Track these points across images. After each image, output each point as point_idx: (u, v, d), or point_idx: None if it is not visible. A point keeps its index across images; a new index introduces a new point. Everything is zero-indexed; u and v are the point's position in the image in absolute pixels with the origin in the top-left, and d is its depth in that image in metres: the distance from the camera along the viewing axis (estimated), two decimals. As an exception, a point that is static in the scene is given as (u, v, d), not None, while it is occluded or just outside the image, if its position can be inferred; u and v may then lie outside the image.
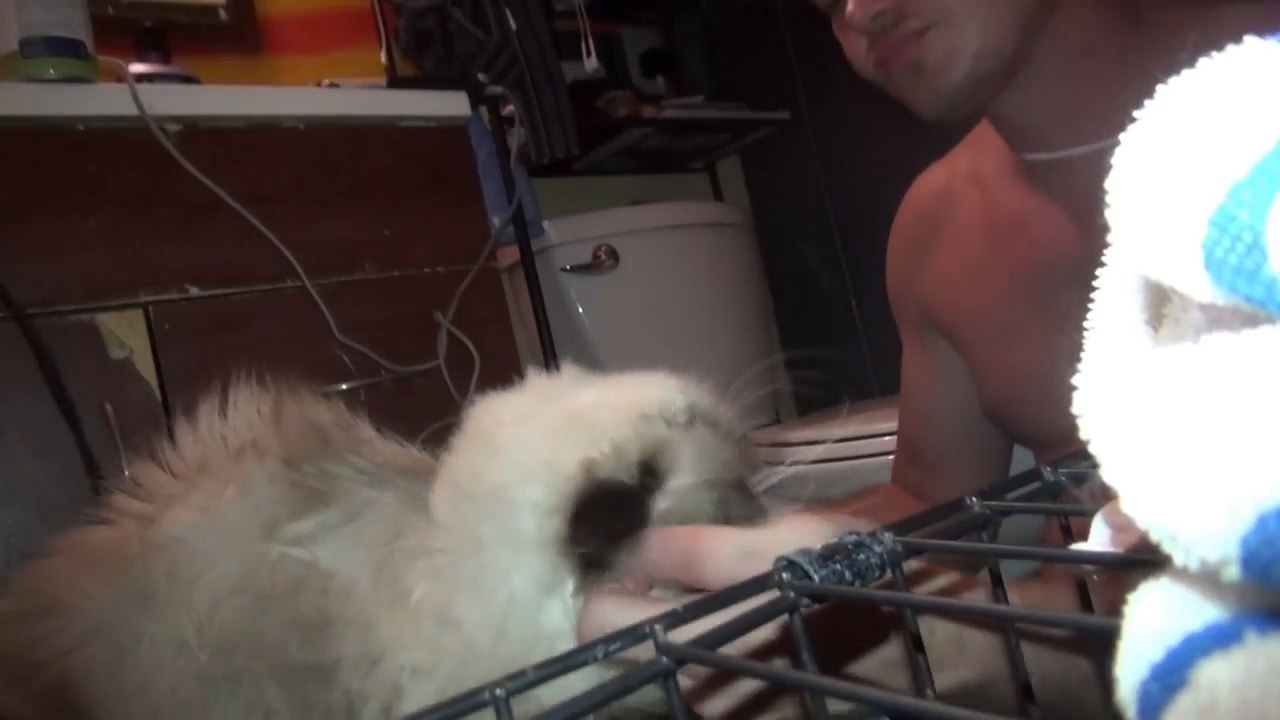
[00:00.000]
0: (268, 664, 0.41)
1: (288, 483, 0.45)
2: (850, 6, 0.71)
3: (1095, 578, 0.32)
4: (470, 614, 0.40)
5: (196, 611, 0.42)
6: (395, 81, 1.66)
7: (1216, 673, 0.14)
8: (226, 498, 0.44)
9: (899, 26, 0.69)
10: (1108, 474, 0.15)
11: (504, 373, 1.40)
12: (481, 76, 1.63)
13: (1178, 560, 0.14)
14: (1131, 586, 0.17)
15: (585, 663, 0.22)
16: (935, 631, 0.40)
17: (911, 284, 0.93)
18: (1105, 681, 0.16)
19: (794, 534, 0.37)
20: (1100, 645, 0.17)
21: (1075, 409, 0.17)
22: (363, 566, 0.42)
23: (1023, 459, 0.95)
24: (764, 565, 0.26)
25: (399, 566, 0.42)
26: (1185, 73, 0.15)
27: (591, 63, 2.02)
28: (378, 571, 0.42)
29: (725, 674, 0.36)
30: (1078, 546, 0.24)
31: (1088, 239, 0.74)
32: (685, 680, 0.35)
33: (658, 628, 0.23)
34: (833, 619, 0.36)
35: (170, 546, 0.43)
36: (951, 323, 0.89)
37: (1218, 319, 0.16)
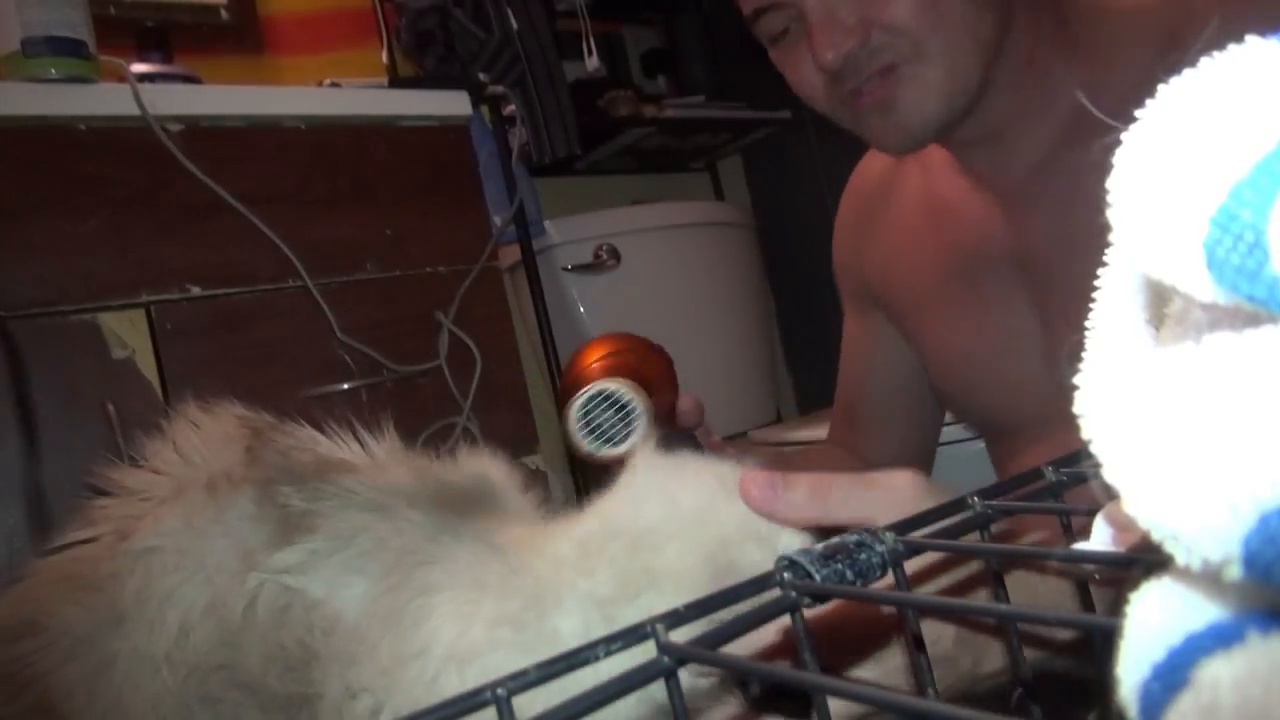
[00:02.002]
0: (246, 692, 0.40)
1: (267, 511, 0.43)
2: (817, 50, 0.67)
3: (1097, 577, 0.32)
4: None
5: (167, 633, 0.41)
6: (396, 81, 1.66)
7: (1218, 672, 0.14)
8: (205, 518, 0.43)
9: (870, 63, 0.66)
10: (1109, 474, 0.15)
11: (505, 373, 1.41)
12: (483, 76, 1.63)
13: (1179, 560, 0.14)
14: (1133, 586, 0.17)
15: (586, 662, 0.22)
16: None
17: (855, 259, 0.95)
18: (1107, 681, 0.16)
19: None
20: (1102, 644, 0.17)
21: (1076, 409, 0.17)
22: (353, 598, 0.41)
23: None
24: None
25: (401, 602, 0.40)
26: (1187, 72, 0.15)
27: (593, 62, 2.02)
28: (371, 604, 0.40)
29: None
30: (1079, 546, 0.24)
31: (1017, 230, 0.75)
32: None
33: (659, 627, 0.23)
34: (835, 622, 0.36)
35: (144, 559, 0.42)
36: (892, 300, 0.90)
37: (1219, 319, 0.16)
